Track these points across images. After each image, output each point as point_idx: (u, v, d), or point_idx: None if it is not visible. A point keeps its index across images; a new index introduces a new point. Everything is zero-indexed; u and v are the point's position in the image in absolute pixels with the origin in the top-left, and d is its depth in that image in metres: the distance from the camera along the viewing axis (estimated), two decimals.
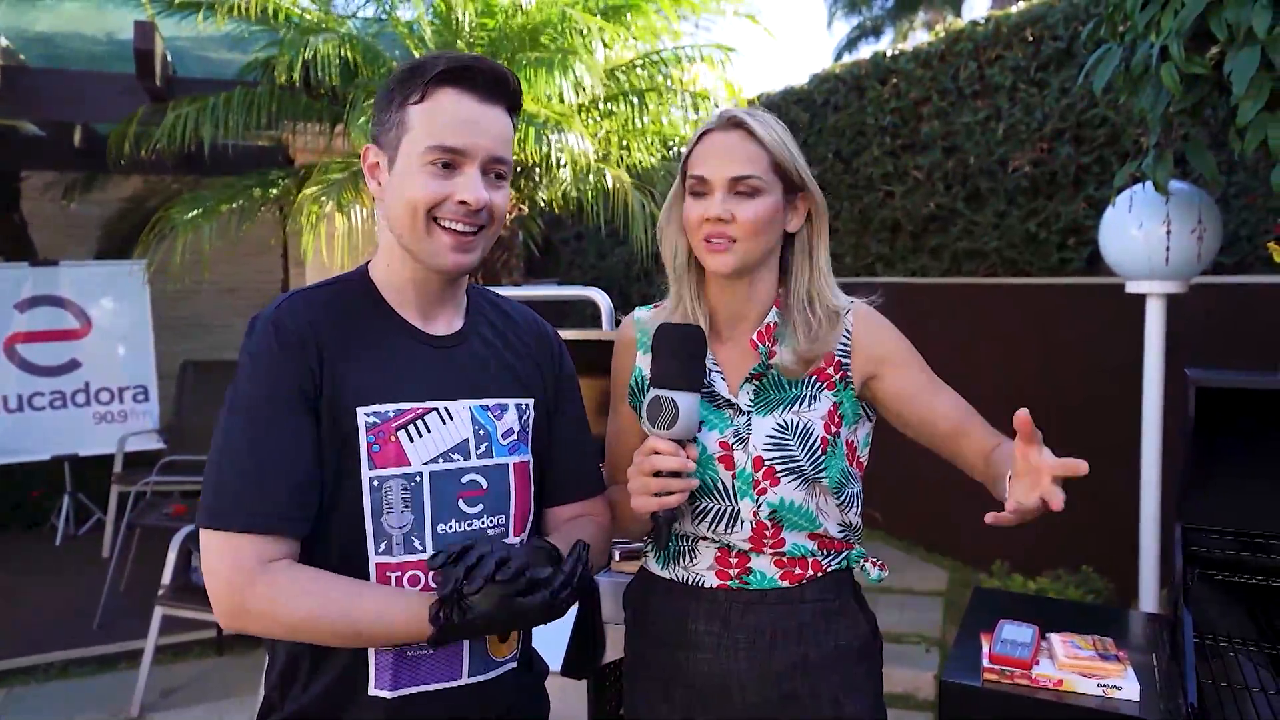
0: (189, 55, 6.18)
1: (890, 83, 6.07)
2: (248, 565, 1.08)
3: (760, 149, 1.36)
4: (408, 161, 1.17)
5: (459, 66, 1.16)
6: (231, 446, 1.11)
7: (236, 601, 1.08)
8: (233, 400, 1.14)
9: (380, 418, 1.16)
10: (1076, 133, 4.97)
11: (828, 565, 1.43)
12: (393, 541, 1.16)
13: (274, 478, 1.10)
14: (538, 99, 4.43)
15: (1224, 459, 1.94)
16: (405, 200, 1.17)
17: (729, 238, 1.34)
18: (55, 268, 5.74)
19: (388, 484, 1.16)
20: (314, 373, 1.14)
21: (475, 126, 1.17)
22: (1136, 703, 1.50)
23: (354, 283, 1.25)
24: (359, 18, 5.32)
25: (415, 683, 1.19)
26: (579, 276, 10.00)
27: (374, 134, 1.22)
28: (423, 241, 1.18)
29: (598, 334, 2.36)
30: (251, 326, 1.17)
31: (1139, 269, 3.03)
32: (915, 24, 18.91)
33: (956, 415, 1.39)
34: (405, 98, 1.17)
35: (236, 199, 4.95)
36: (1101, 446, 4.46)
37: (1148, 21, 2.35)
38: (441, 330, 1.26)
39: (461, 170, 1.18)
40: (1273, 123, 2.11)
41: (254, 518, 1.09)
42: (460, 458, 1.21)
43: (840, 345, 1.41)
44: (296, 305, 1.18)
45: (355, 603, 1.10)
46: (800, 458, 1.37)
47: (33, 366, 5.62)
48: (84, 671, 4.14)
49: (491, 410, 1.26)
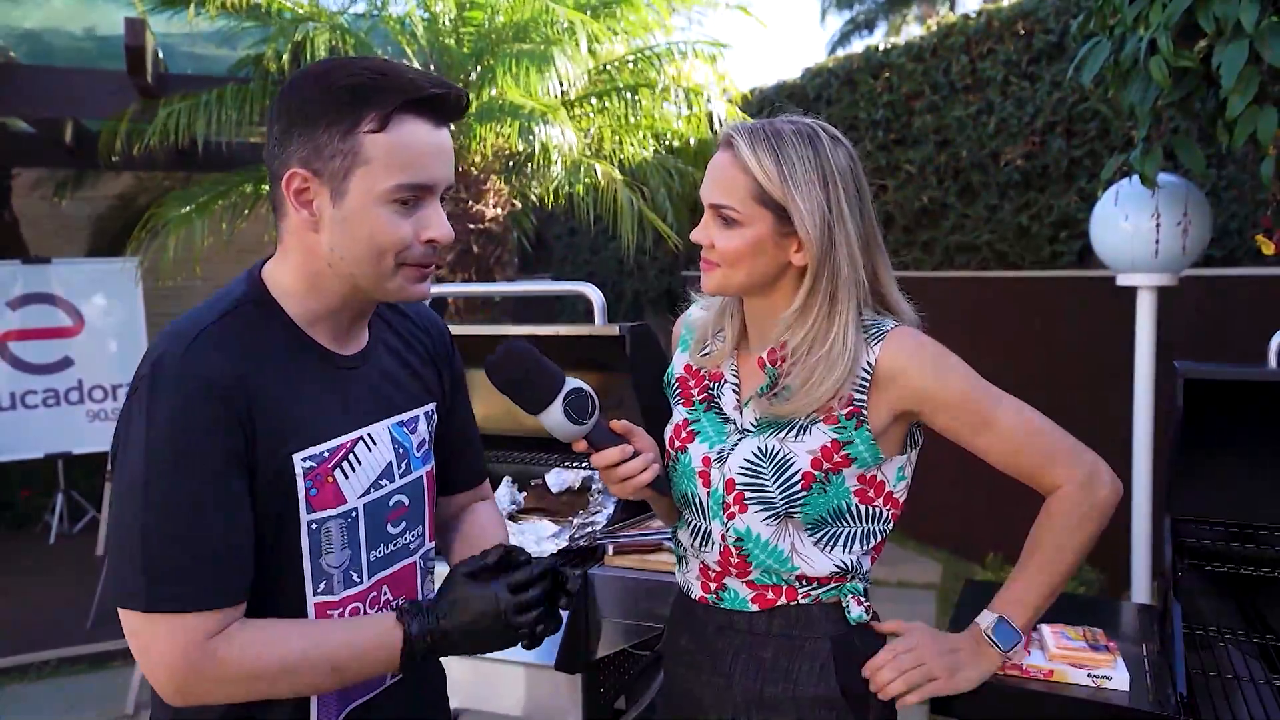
0: (179, 52, 6.15)
1: (882, 77, 6.08)
2: (200, 643, 0.99)
3: (744, 175, 1.24)
4: (365, 198, 1.05)
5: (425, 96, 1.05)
6: (159, 514, 0.99)
7: (191, 680, 1.00)
8: (148, 459, 0.99)
9: (316, 460, 1.09)
10: (1068, 126, 4.99)
11: (804, 595, 1.32)
12: (333, 580, 1.13)
13: (213, 548, 1.00)
14: (522, 91, 4.43)
15: (1213, 450, 1.95)
16: (371, 243, 1.07)
17: (714, 261, 1.29)
18: (47, 265, 5.72)
19: (326, 525, 1.11)
20: (242, 424, 1.03)
21: (440, 157, 1.09)
22: (1126, 692, 1.51)
23: (253, 306, 1.11)
24: (350, 14, 5.31)
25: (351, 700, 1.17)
26: (572, 271, 10.00)
27: (299, 156, 1.05)
28: (385, 280, 1.10)
29: (591, 329, 2.37)
30: (153, 382, 1.01)
31: (1128, 262, 3.04)
32: (908, 18, 18.94)
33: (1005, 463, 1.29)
34: (355, 123, 1.03)
35: (229, 196, 4.94)
36: (1093, 439, 4.47)
37: (1136, 15, 2.36)
38: (351, 349, 1.19)
39: (425, 204, 1.09)
40: (1261, 116, 2.12)
41: (199, 596, 0.99)
42: (387, 482, 1.18)
43: (856, 381, 1.26)
44: (206, 349, 1.04)
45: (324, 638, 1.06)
46: (771, 489, 1.26)
47: (25, 364, 5.60)
48: (77, 670, 4.13)
49: (407, 425, 1.23)
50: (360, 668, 1.07)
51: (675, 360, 1.48)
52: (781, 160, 1.22)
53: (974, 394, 1.27)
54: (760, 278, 1.28)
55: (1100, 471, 1.30)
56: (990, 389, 1.28)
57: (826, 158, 1.23)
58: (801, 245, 1.24)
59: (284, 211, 1.10)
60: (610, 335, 2.24)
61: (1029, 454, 1.28)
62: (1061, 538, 1.28)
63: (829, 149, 1.24)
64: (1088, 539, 1.30)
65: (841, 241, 1.23)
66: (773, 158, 1.22)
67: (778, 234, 1.24)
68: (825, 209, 1.22)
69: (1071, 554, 1.30)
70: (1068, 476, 1.28)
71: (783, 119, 1.28)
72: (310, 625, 1.09)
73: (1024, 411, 1.28)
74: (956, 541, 5.13)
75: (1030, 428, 1.28)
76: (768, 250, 1.25)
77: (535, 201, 5.24)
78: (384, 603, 1.20)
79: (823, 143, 1.24)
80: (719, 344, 1.38)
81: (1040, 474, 1.29)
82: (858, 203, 1.26)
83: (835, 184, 1.23)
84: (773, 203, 1.23)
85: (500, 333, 2.26)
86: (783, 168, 1.21)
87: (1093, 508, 1.28)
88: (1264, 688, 1.55)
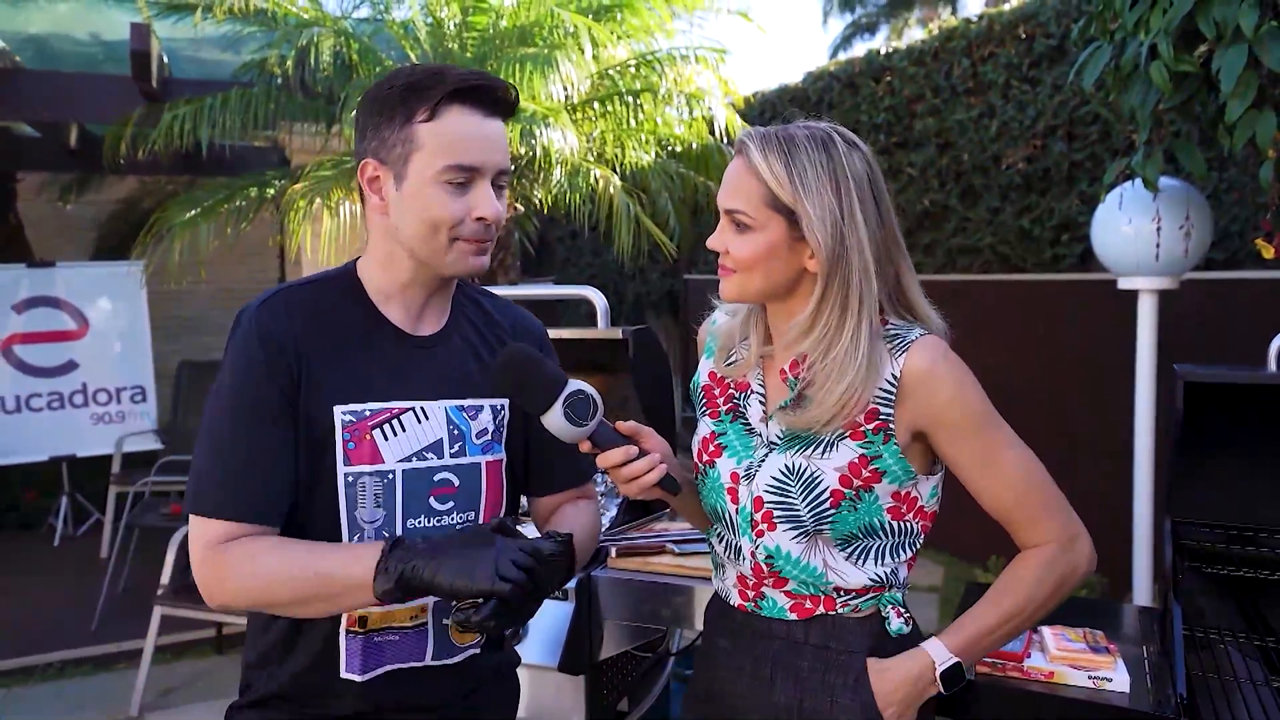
0: (183, 56, 6.18)
1: (884, 80, 6.10)
2: (219, 541, 1.15)
3: (755, 181, 1.23)
4: (420, 179, 1.19)
5: (467, 86, 1.18)
6: (214, 441, 1.18)
7: (206, 576, 1.16)
8: (216, 394, 1.20)
9: (356, 416, 1.21)
10: (1069, 129, 5.00)
11: (842, 605, 1.30)
12: (364, 535, 1.22)
13: (251, 474, 1.17)
14: (525, 95, 4.45)
15: (1213, 453, 1.96)
16: (425, 219, 1.20)
17: (730, 268, 1.29)
18: (52, 269, 5.74)
19: (361, 480, 1.21)
20: (293, 373, 1.19)
21: (486, 143, 1.21)
22: (1126, 693, 1.52)
23: (338, 280, 1.28)
24: (354, 18, 5.33)
25: (382, 664, 1.25)
26: (574, 275, 10.02)
27: (371, 148, 1.22)
28: (442, 254, 1.22)
29: (594, 332, 2.38)
30: (237, 321, 1.22)
31: (1130, 265, 3.05)
32: (910, 21, 18.94)
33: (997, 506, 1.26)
34: (410, 115, 1.18)
35: (233, 199, 4.96)
36: (1094, 441, 4.49)
37: (1137, 20, 2.37)
38: (425, 330, 1.30)
39: (475, 185, 1.21)
40: (1260, 120, 2.13)
41: (226, 506, 1.16)
42: (434, 457, 1.26)
43: (881, 393, 1.23)
44: (279, 307, 1.22)
45: (317, 550, 1.16)
46: (799, 507, 1.25)
47: (30, 368, 5.62)
48: (82, 671, 4.14)
49: (467, 411, 1.30)
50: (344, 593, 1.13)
51: (700, 368, 1.48)
52: (793, 165, 1.21)
53: (989, 427, 1.24)
54: (777, 284, 1.27)
55: (1084, 540, 1.27)
56: (1004, 426, 1.25)
57: (840, 162, 1.22)
58: (814, 252, 1.23)
59: (366, 199, 1.25)
60: (613, 338, 2.26)
61: (1025, 504, 1.25)
62: (1034, 590, 1.25)
63: (843, 154, 1.23)
64: (1056, 600, 1.27)
65: (854, 246, 1.21)
66: (784, 163, 1.21)
67: (791, 239, 1.23)
68: (837, 214, 1.21)
69: (1038, 610, 1.26)
70: (1056, 535, 1.25)
71: (798, 124, 1.27)
72: (311, 544, 1.17)
73: (1030, 460, 1.26)
74: (958, 545, 5.14)
75: (1033, 479, 1.26)
76: (782, 255, 1.25)
77: (538, 205, 5.25)
78: None
79: (837, 147, 1.23)
80: (744, 352, 1.38)
81: (1029, 526, 1.26)
82: (875, 207, 1.24)
83: (849, 189, 1.21)
84: (784, 208, 1.22)
85: None
86: (793, 172, 1.21)
87: (1071, 571, 1.25)
88: (1263, 689, 1.56)
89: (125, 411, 5.84)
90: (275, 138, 5.44)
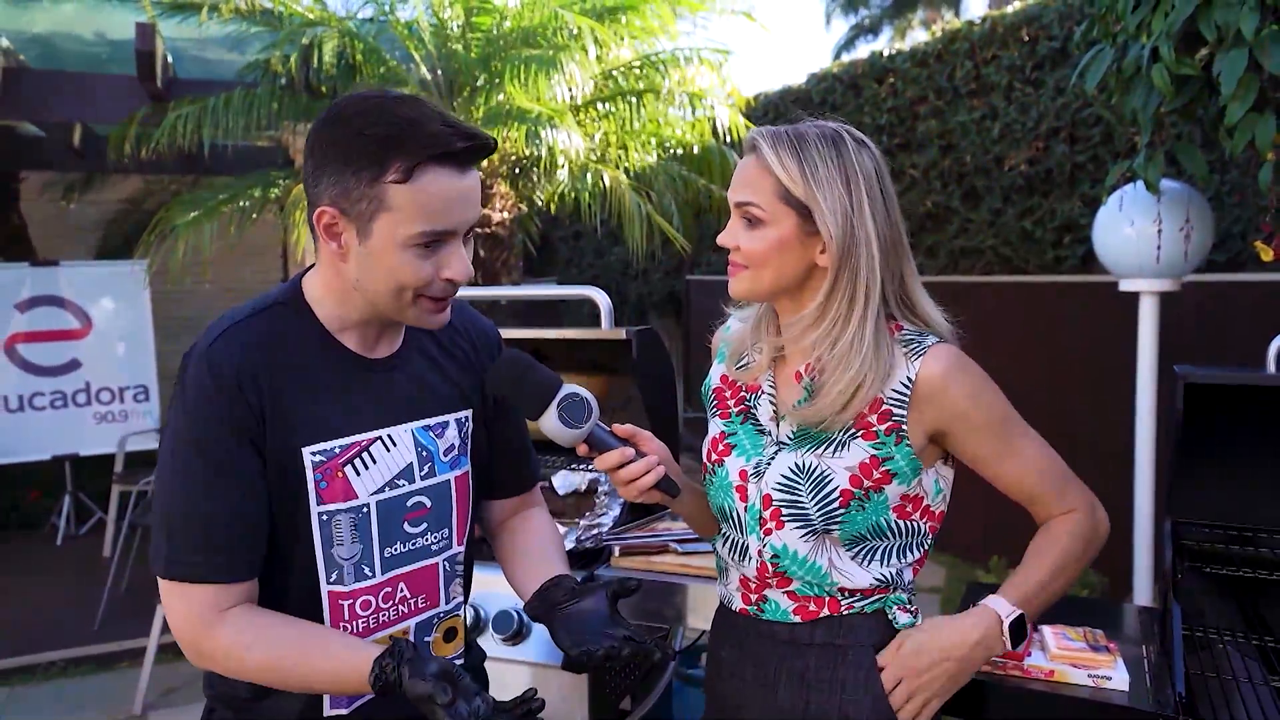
0: (187, 56, 6.19)
1: (887, 82, 6.10)
2: (205, 615, 1.10)
3: (768, 176, 1.24)
4: (388, 240, 1.09)
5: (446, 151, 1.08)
6: (180, 492, 1.10)
7: (196, 648, 1.11)
8: (174, 445, 1.11)
9: (326, 455, 1.15)
10: (1072, 131, 5.01)
11: (846, 607, 1.31)
12: (343, 571, 1.18)
13: (223, 526, 1.10)
14: (529, 96, 4.46)
15: (1213, 453, 1.97)
16: (390, 281, 1.12)
17: (741, 264, 1.29)
18: (55, 268, 5.75)
19: (336, 518, 1.17)
20: (255, 412, 1.11)
21: (463, 203, 1.12)
22: (1125, 692, 1.53)
23: (286, 307, 1.19)
24: (358, 18, 5.34)
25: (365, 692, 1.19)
26: (577, 275, 10.03)
27: (330, 195, 1.09)
28: (405, 310, 1.15)
29: (597, 333, 2.39)
30: (184, 364, 1.13)
31: (1131, 267, 3.06)
32: (913, 22, 18.95)
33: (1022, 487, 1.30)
34: (380, 173, 1.06)
35: (237, 200, 4.97)
36: (1094, 442, 4.49)
37: (1139, 23, 2.38)
38: (381, 352, 1.24)
39: (447, 244, 1.13)
40: (1260, 122, 2.14)
41: (206, 569, 1.09)
42: (405, 483, 1.22)
43: (895, 394, 1.25)
44: (231, 344, 1.12)
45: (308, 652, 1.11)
46: (808, 506, 1.26)
47: (33, 366, 5.64)
48: (84, 671, 4.15)
49: (433, 430, 1.26)
50: (334, 689, 1.15)
51: (712, 371, 1.49)
52: (804, 160, 1.22)
53: (1008, 421, 1.28)
54: (787, 279, 1.28)
55: (1100, 506, 1.34)
56: (1018, 417, 1.30)
57: (850, 159, 1.24)
58: (825, 245, 1.24)
59: (319, 240, 1.15)
60: (617, 339, 2.26)
61: (1048, 480, 1.30)
62: (1070, 545, 1.30)
63: (853, 151, 1.25)
64: (1087, 559, 1.32)
65: (863, 241, 1.23)
66: (796, 158, 1.23)
67: (802, 233, 1.24)
68: (848, 207, 1.22)
69: (1076, 567, 1.31)
70: (1079, 503, 1.31)
71: (807, 123, 1.28)
72: (304, 635, 1.13)
73: (1043, 442, 1.31)
74: (960, 545, 5.15)
75: (1053, 458, 1.31)
76: (793, 250, 1.25)
77: (541, 205, 5.26)
78: (399, 599, 1.24)
79: (847, 145, 1.25)
80: (756, 356, 1.38)
81: (1055, 499, 1.31)
82: (883, 205, 1.26)
83: (858, 185, 1.23)
84: (796, 201, 1.23)
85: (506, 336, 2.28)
86: (805, 167, 1.22)
87: (1095, 533, 1.32)
88: (1263, 689, 1.56)
89: (128, 411, 5.86)
90: (279, 138, 5.45)
